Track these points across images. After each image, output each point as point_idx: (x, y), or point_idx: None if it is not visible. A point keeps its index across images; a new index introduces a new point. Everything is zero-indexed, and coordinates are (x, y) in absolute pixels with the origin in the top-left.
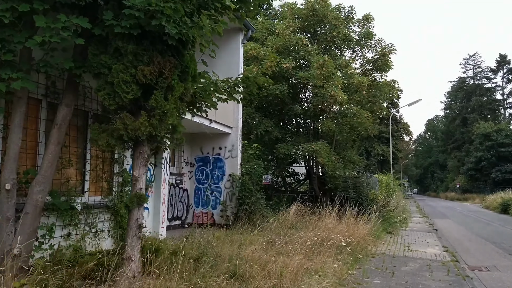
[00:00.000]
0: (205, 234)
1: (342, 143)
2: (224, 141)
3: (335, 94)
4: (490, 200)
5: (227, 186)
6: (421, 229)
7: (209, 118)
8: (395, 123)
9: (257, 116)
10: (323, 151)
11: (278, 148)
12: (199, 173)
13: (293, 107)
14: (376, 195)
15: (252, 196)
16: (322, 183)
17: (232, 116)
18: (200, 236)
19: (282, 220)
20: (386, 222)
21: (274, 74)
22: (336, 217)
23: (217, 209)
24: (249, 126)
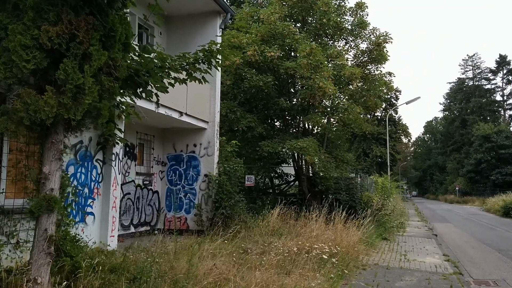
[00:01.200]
0: (168, 242)
1: (334, 141)
2: (199, 137)
3: (324, 85)
4: (491, 203)
5: (202, 187)
6: (420, 234)
7: (178, 110)
8: (393, 124)
9: (239, 111)
10: (311, 148)
11: (262, 146)
12: (171, 173)
13: (279, 100)
14: (371, 198)
15: (231, 199)
16: (312, 184)
17: (208, 109)
18: (155, 245)
19: (263, 225)
20: (381, 227)
21: (258, 64)
22: (325, 222)
23: (191, 213)
24: (230, 122)
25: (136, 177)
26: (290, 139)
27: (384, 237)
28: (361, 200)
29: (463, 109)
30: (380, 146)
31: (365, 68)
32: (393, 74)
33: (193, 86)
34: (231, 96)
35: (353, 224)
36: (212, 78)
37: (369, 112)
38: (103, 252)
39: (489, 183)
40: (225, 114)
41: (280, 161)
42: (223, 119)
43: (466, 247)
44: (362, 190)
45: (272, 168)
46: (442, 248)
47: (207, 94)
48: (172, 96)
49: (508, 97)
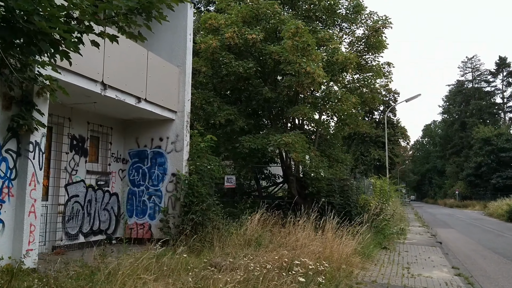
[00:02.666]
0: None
1: (327, 139)
2: (166, 130)
3: (311, 70)
4: (494, 207)
5: (169, 189)
6: (423, 242)
7: (134, 94)
8: (392, 127)
9: (216, 101)
10: (298, 144)
11: (242, 142)
12: (133, 172)
13: (262, 90)
14: (368, 201)
15: (203, 202)
16: (302, 186)
17: (176, 96)
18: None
19: (241, 233)
20: (380, 234)
21: (238, 48)
22: (314, 229)
23: (156, 219)
24: (207, 115)
25: (86, 176)
26: (275, 134)
27: (383, 245)
28: (357, 204)
29: (462, 111)
30: (378, 149)
31: (361, 58)
32: (392, 64)
33: (155, 67)
34: (211, 86)
35: (347, 232)
36: (181, 60)
37: (365, 107)
38: (12, 272)
39: (490, 187)
40: (200, 105)
41: (268, 160)
42: (198, 112)
43: (476, 257)
44: (358, 193)
45: (258, 168)
46: (449, 258)
47: (174, 78)
48: (125, 76)
49: (508, 100)
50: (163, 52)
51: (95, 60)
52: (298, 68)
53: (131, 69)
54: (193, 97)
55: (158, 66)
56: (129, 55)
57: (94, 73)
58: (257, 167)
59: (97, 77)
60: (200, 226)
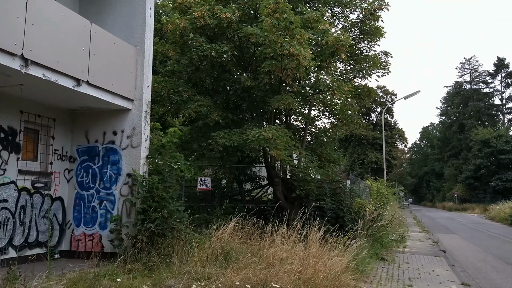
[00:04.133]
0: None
1: (318, 136)
2: (120, 121)
3: (296, 52)
4: (496, 211)
5: (124, 192)
6: (424, 251)
7: (72, 75)
8: (389, 129)
9: (185, 91)
10: (279, 139)
11: (215, 137)
12: (82, 173)
13: (240, 77)
14: (363, 205)
15: (164, 208)
16: (289, 189)
17: (132, 81)
18: None
19: (209, 246)
20: (377, 242)
21: (212, 30)
22: (300, 239)
23: (107, 229)
24: (175, 106)
25: (19, 177)
26: (253, 128)
27: (380, 256)
28: (350, 209)
29: (460, 113)
30: (376, 151)
31: (356, 47)
32: (390, 54)
33: (102, 43)
34: (185, 76)
35: (338, 243)
36: (139, 39)
37: (360, 101)
38: None
39: (489, 190)
40: (167, 95)
41: (252, 159)
42: (165, 103)
43: (487, 269)
44: (352, 196)
45: (238, 169)
46: (456, 271)
47: (130, 59)
48: (57, 51)
49: (507, 101)
50: (118, 29)
51: (12, 26)
52: (280, 50)
53: (67, 43)
54: (159, 86)
55: (107, 43)
56: (64, 26)
57: (9, 43)
58: (236, 167)
59: (15, 49)
60: (159, 237)
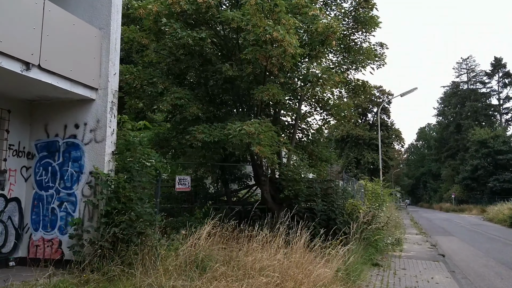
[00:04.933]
0: None
1: (308, 132)
2: (83, 113)
3: (280, 37)
4: (494, 212)
5: (86, 192)
6: (422, 255)
7: (18, 57)
8: (385, 129)
9: (162, 81)
10: (263, 134)
11: (193, 132)
12: (41, 170)
13: (222, 67)
14: (357, 207)
15: (131, 211)
16: (277, 189)
17: (96, 68)
18: None
19: (181, 253)
20: (371, 246)
21: (190, 16)
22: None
23: (67, 234)
24: (150, 99)
25: None
26: (234, 122)
27: (375, 261)
28: (343, 211)
29: (457, 113)
30: (372, 152)
31: (350, 39)
32: (386, 45)
33: (59, 23)
34: (164, 66)
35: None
36: (105, 21)
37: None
38: None
39: (486, 191)
40: (139, 86)
41: (239, 158)
42: (139, 95)
43: (490, 276)
44: (345, 197)
45: (222, 167)
46: (457, 278)
47: (93, 43)
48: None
49: (504, 101)
50: (82, 10)
51: None
52: (262, 34)
53: (14, 20)
54: (131, 76)
55: (64, 23)
56: (10, 0)
57: None
58: (219, 166)
59: None
60: (125, 244)
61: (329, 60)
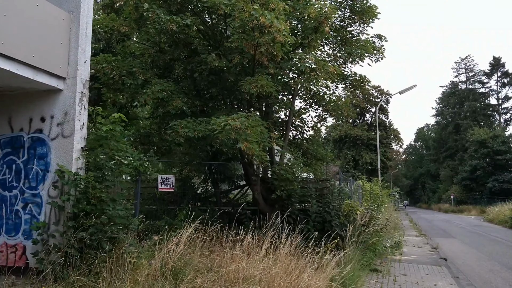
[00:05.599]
0: None
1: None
2: (50, 105)
3: (267, 22)
4: (494, 213)
5: (52, 193)
6: (423, 259)
7: None
8: (384, 129)
9: (143, 72)
10: (250, 129)
11: (175, 127)
12: (4, 169)
13: (207, 57)
14: (354, 208)
15: (102, 213)
16: (269, 189)
17: (64, 55)
18: None
19: (159, 260)
20: (369, 250)
21: (175, 2)
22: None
23: (32, 239)
24: (129, 91)
25: None
26: (219, 116)
27: (373, 267)
28: (339, 212)
29: (456, 113)
30: (370, 152)
31: (346, 31)
32: (385, 38)
33: (17, 3)
34: (147, 58)
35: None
36: (74, 3)
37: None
38: None
39: (486, 191)
40: (118, 77)
41: (230, 156)
42: (119, 87)
43: (497, 282)
44: (341, 197)
45: (212, 166)
46: (462, 285)
47: (59, 27)
48: None
49: (503, 101)
50: None
51: None
52: (248, 20)
53: None
54: (108, 66)
55: (26, 4)
56: None
57: None
58: (207, 164)
59: None
60: (93, 250)
61: (324, 52)
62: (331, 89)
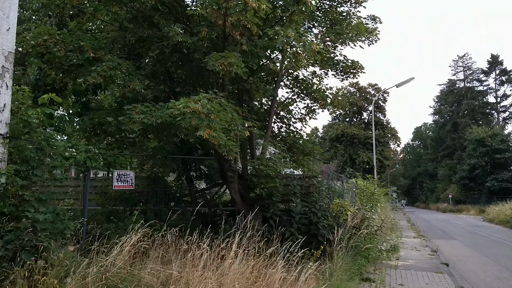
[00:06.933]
0: None
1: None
2: None
3: None
4: (495, 212)
5: None
6: (422, 264)
7: None
8: (381, 128)
9: (91, 47)
10: (216, 114)
11: (129, 113)
12: None
13: (169, 31)
14: (344, 207)
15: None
16: (248, 187)
17: None
18: None
19: (103, 271)
20: (361, 256)
21: None
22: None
23: None
24: (74, 67)
25: None
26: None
27: (365, 276)
28: (327, 213)
29: (454, 112)
30: (367, 151)
31: (336, 11)
32: (379, 19)
33: None
34: (105, 39)
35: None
36: None
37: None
38: None
39: (484, 190)
40: (63, 53)
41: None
42: (63, 63)
43: None
44: (330, 195)
45: (184, 161)
46: None
47: None
48: None
49: (501, 99)
50: None
51: None
52: None
53: None
54: (51, 40)
55: None
56: None
57: None
58: (178, 159)
59: None
60: (8, 262)
61: (311, 33)
62: (321, 76)
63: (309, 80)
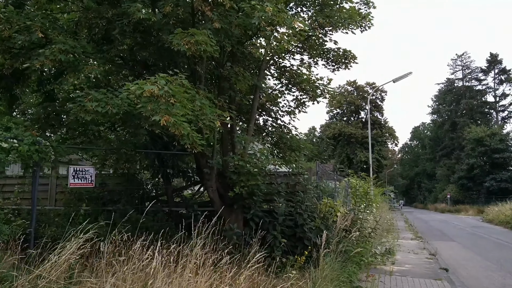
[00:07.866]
0: None
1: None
2: None
3: None
4: (494, 213)
5: None
6: (420, 269)
7: None
8: (378, 127)
9: (41, 27)
10: (176, 98)
11: (80, 101)
12: None
13: (129, 6)
14: (333, 208)
15: None
16: (228, 185)
17: None
18: None
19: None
20: (352, 262)
21: None
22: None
23: None
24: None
25: None
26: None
27: (356, 285)
28: (314, 214)
29: (452, 111)
30: (365, 150)
31: None
32: (373, 4)
33: None
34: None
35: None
36: None
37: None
38: None
39: (483, 190)
40: (7, 35)
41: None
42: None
43: None
44: (319, 195)
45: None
46: None
47: None
48: None
49: (500, 98)
50: None
51: None
52: None
53: None
54: None
55: None
56: None
57: None
58: (147, 153)
59: None
60: None
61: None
62: (310, 65)
63: (297, 69)
